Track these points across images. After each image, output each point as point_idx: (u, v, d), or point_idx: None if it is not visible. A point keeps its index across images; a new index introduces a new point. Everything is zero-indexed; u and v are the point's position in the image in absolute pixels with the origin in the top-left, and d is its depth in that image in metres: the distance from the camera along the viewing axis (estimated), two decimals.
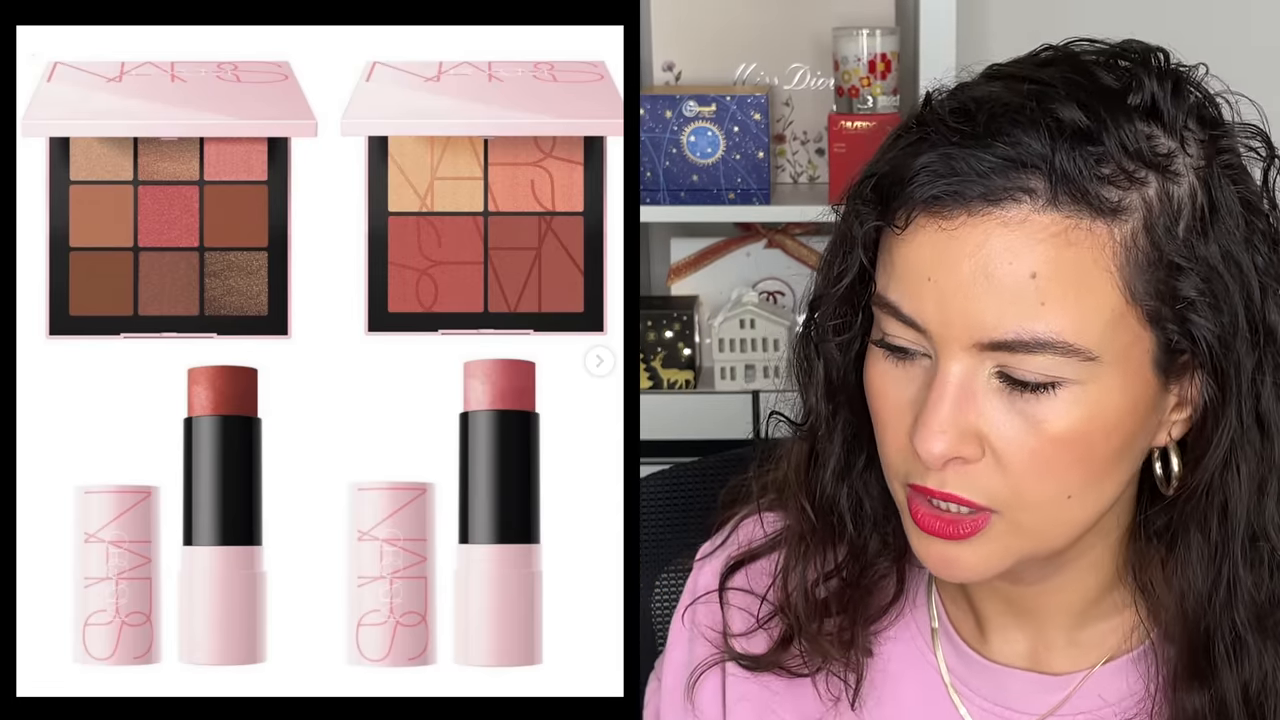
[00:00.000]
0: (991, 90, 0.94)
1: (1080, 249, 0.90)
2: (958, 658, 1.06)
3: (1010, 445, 0.92)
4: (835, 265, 1.00)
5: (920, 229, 0.92)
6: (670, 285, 2.37)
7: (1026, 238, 0.90)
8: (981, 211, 0.91)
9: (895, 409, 0.95)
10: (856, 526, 1.04)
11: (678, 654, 1.15)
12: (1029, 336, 0.90)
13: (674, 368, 2.29)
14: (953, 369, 0.92)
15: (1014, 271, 0.90)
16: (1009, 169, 0.91)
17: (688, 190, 2.19)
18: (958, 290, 0.91)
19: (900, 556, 1.06)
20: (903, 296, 0.93)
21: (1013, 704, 1.04)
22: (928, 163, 0.92)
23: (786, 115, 2.32)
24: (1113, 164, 0.91)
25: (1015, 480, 0.93)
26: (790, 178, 2.35)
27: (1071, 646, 1.03)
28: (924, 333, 0.93)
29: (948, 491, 0.94)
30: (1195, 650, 0.98)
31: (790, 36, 2.29)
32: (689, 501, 1.37)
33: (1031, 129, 0.91)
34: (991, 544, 0.95)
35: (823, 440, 1.03)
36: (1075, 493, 0.94)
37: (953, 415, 0.92)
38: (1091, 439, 0.92)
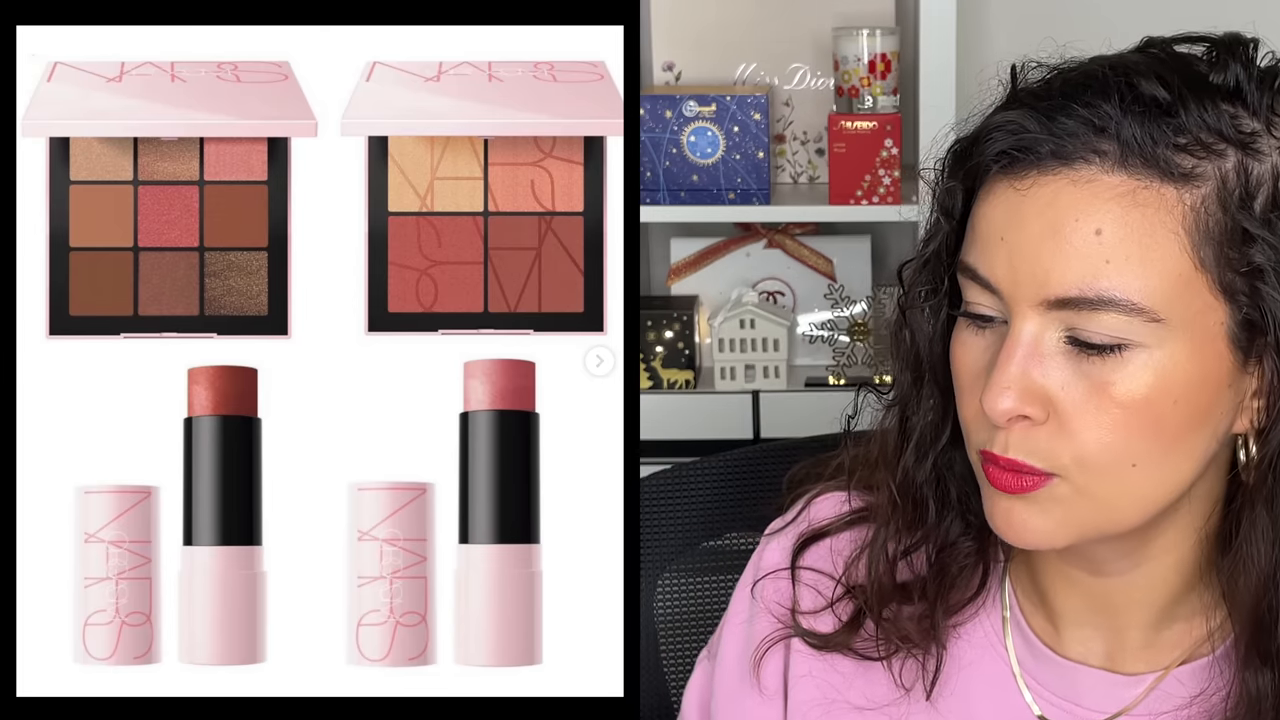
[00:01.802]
0: (1074, 65, 0.96)
1: (1147, 210, 0.92)
2: (1028, 651, 1.06)
3: (1075, 406, 0.93)
4: (928, 233, 1.02)
5: (995, 190, 0.94)
6: (670, 285, 2.37)
7: (1094, 196, 0.92)
8: (1052, 170, 0.93)
9: (972, 376, 0.97)
10: (939, 505, 1.05)
11: (737, 629, 1.15)
12: (1093, 294, 0.91)
13: (674, 368, 2.29)
14: (1024, 329, 0.93)
15: (1080, 229, 0.92)
16: (1082, 130, 0.92)
17: (688, 190, 2.19)
18: (1027, 248, 0.93)
19: (983, 545, 1.06)
20: (980, 259, 0.95)
21: (1084, 700, 1.04)
22: (1003, 122, 0.95)
23: (786, 115, 2.32)
24: (1189, 135, 0.92)
25: (1078, 445, 0.93)
26: (790, 178, 2.35)
27: (1147, 648, 1.03)
28: (998, 294, 0.94)
29: (1011, 457, 0.95)
30: (1260, 630, 0.98)
31: (790, 36, 2.29)
32: (689, 501, 1.37)
33: (1105, 95, 0.93)
34: (1058, 509, 0.95)
35: (910, 414, 1.04)
36: (1140, 461, 0.94)
37: (1019, 373, 0.93)
38: (1159, 406, 0.93)
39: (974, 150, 0.96)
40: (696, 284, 2.36)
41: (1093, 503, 0.96)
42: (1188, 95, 0.93)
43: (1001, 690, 1.06)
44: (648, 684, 1.30)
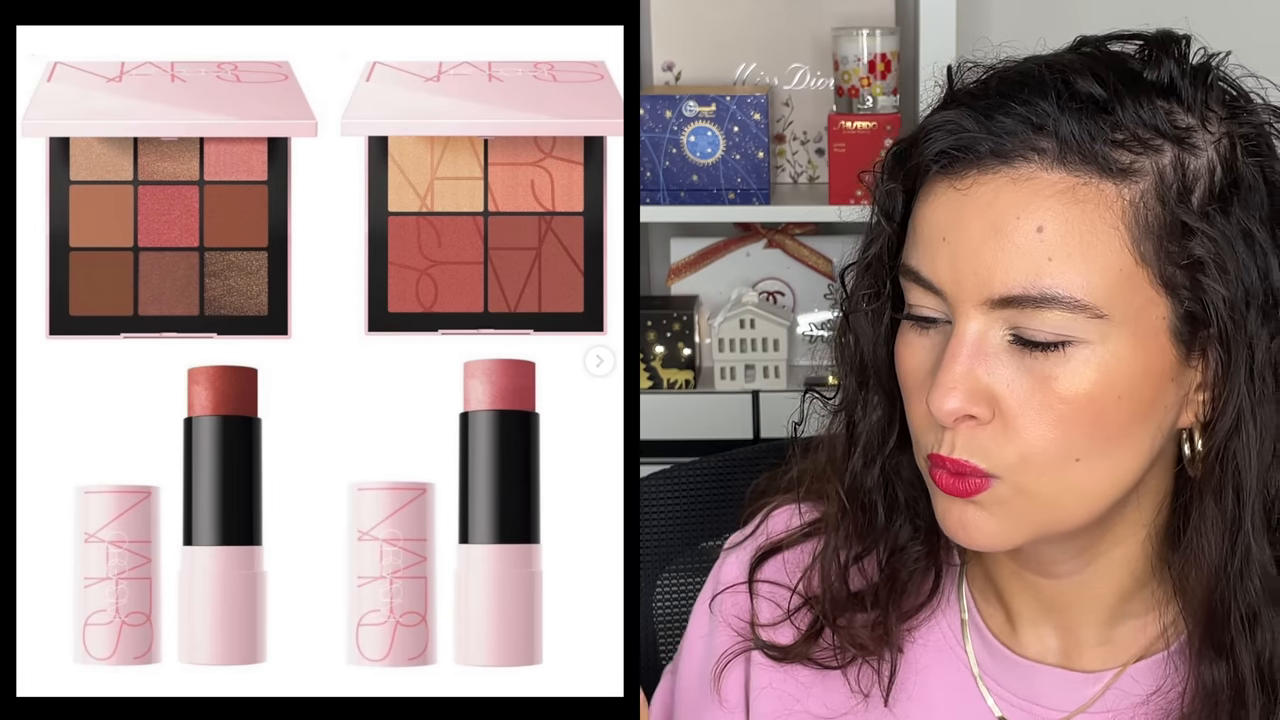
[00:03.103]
0: (1011, 65, 0.97)
1: (1087, 206, 0.92)
2: (987, 652, 1.06)
3: (1019, 403, 0.93)
4: (868, 236, 1.02)
5: (935, 191, 0.95)
6: (670, 285, 2.37)
7: (1034, 194, 0.92)
8: (992, 169, 0.93)
9: (918, 378, 0.97)
10: (888, 510, 1.05)
11: (697, 644, 1.15)
12: (1036, 291, 0.92)
13: (674, 368, 2.29)
14: (967, 328, 0.94)
15: (1021, 226, 0.92)
16: (1020, 129, 0.93)
17: (688, 190, 2.19)
18: (969, 248, 0.93)
19: (934, 549, 1.06)
20: (922, 260, 0.95)
21: (1042, 700, 1.04)
22: (941, 122, 0.95)
23: (786, 115, 2.32)
24: (1126, 131, 0.93)
25: (1022, 441, 0.94)
26: (790, 178, 2.35)
27: (1103, 645, 1.03)
28: (941, 295, 0.94)
29: (956, 457, 0.95)
30: (1213, 622, 0.98)
31: (790, 36, 2.29)
32: (689, 501, 1.37)
33: (1042, 93, 0.93)
34: (1003, 510, 0.96)
35: (857, 420, 1.04)
36: (1084, 456, 0.94)
37: (964, 372, 0.93)
38: (1102, 401, 0.93)
39: (913, 151, 0.96)
40: (696, 284, 2.37)
41: (1036, 501, 0.96)
42: (1123, 92, 0.93)
43: (961, 692, 1.07)
44: (648, 684, 1.30)
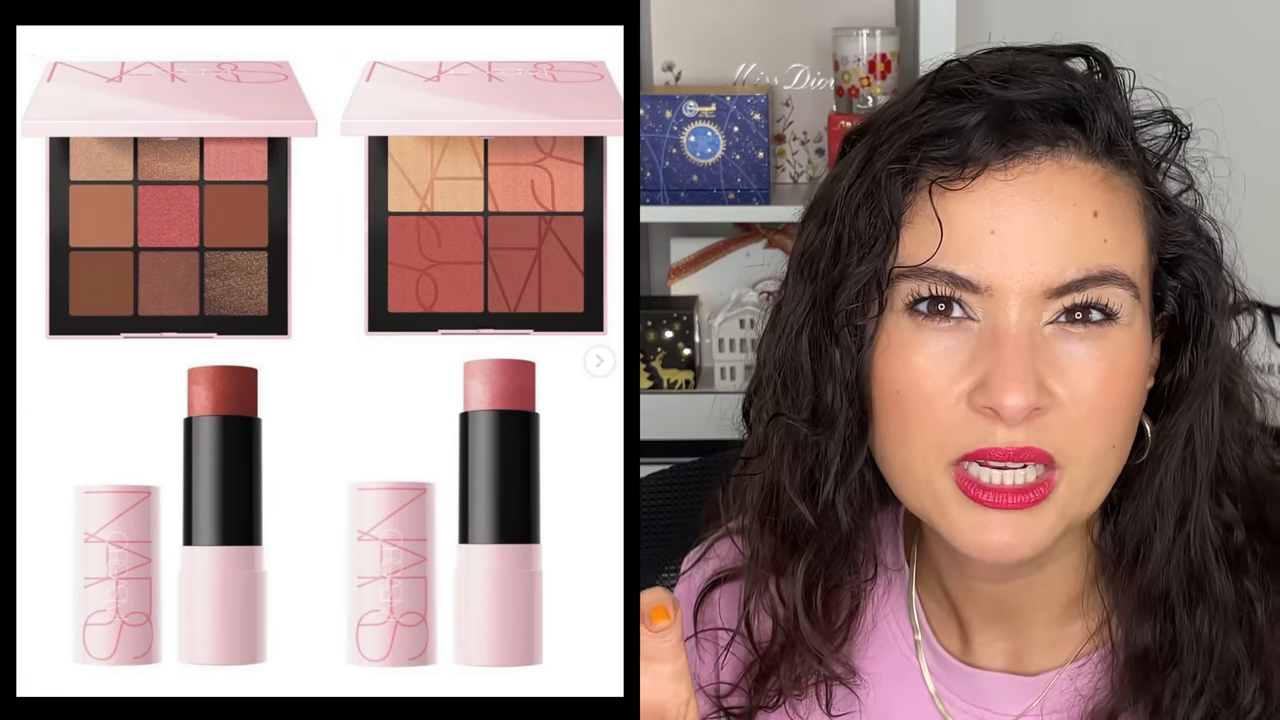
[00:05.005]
0: (1009, 57, 0.98)
1: (1120, 194, 0.95)
2: (939, 664, 1.06)
3: (1074, 390, 0.94)
4: (853, 245, 0.98)
5: (977, 185, 0.94)
6: (670, 285, 2.38)
7: (1082, 181, 0.94)
8: (1036, 160, 0.94)
9: (937, 382, 0.94)
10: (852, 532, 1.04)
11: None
12: (1098, 270, 0.93)
13: (674, 368, 2.29)
14: (1019, 319, 0.93)
15: (1080, 212, 0.93)
16: (1057, 119, 0.95)
17: (688, 190, 2.19)
18: (1025, 237, 0.93)
19: (855, 566, 1.06)
20: (959, 258, 0.94)
21: (992, 705, 1.04)
22: (979, 118, 0.94)
23: (786, 115, 2.32)
24: (1124, 124, 0.97)
25: (1078, 428, 0.94)
26: (790, 178, 2.35)
27: (1053, 645, 1.04)
28: (977, 290, 0.93)
29: (1023, 445, 0.93)
30: (1152, 590, 0.99)
31: (790, 36, 2.29)
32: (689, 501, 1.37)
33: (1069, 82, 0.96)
34: (1052, 512, 0.95)
35: (823, 440, 1.02)
36: (1118, 442, 0.96)
37: (1028, 365, 0.92)
38: (1135, 383, 0.95)
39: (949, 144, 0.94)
40: (696, 284, 2.37)
41: (1079, 494, 0.96)
42: (1106, 89, 0.97)
43: (918, 705, 1.07)
44: None
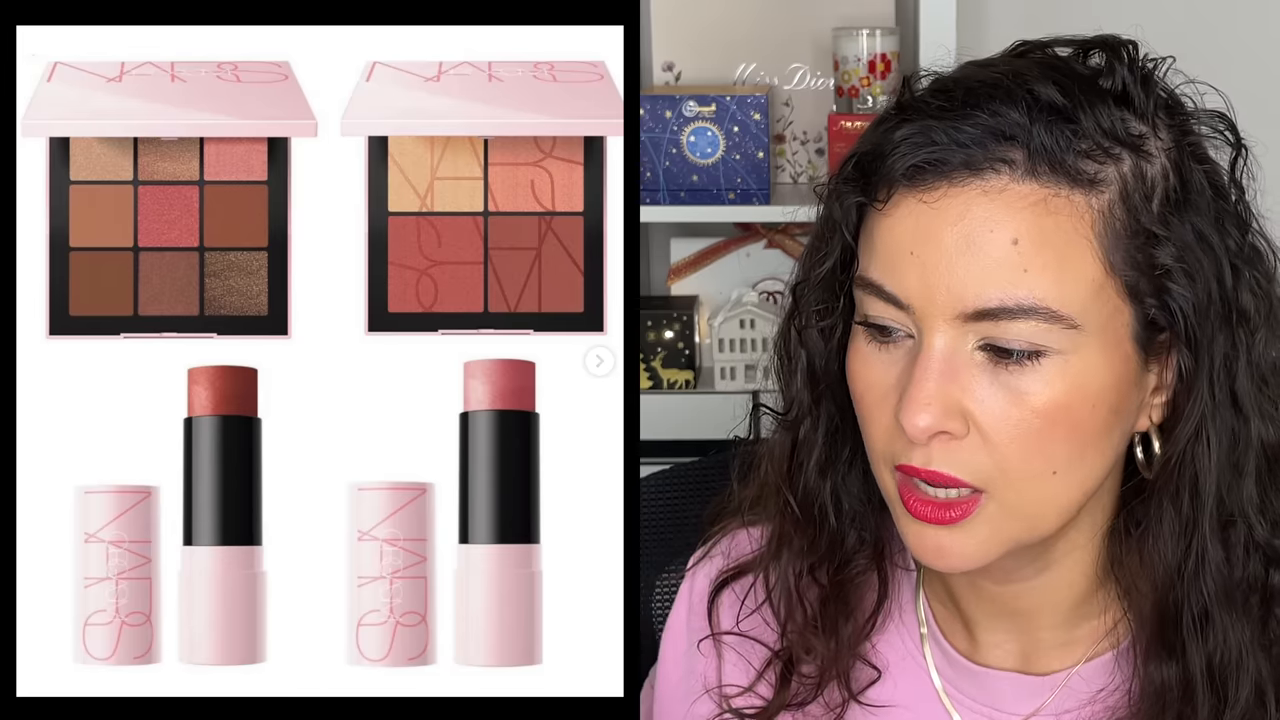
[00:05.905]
0: (968, 72, 0.96)
1: (1060, 217, 0.92)
2: (946, 662, 1.06)
3: (995, 418, 0.93)
4: (819, 250, 1.00)
5: (901, 204, 0.93)
6: (670, 285, 2.37)
7: (1007, 206, 0.91)
8: (962, 182, 0.92)
9: (880, 392, 0.95)
10: (838, 522, 1.05)
11: (678, 663, 1.15)
12: (1013, 303, 0.91)
13: (674, 368, 2.29)
14: (937, 343, 0.92)
15: (996, 239, 0.91)
16: (988, 140, 0.92)
17: (688, 190, 2.19)
18: (940, 261, 0.92)
19: (879, 557, 1.06)
20: (885, 274, 0.94)
21: (1001, 705, 1.04)
22: (908, 135, 0.94)
23: (786, 115, 2.32)
24: (1089, 140, 0.92)
25: (1000, 455, 0.93)
26: (790, 178, 2.35)
27: (1062, 646, 1.03)
28: (906, 309, 0.93)
29: (934, 469, 0.94)
30: (1164, 623, 0.98)
31: (790, 36, 2.29)
32: (689, 501, 1.37)
33: (1010, 103, 0.93)
34: (983, 529, 0.95)
35: (806, 433, 1.03)
36: (1060, 468, 0.94)
37: (938, 389, 0.92)
38: (1076, 411, 0.93)
39: (877, 164, 0.95)
40: (696, 284, 2.36)
41: (1017, 516, 0.95)
42: (1083, 100, 0.93)
43: (924, 702, 1.07)
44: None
